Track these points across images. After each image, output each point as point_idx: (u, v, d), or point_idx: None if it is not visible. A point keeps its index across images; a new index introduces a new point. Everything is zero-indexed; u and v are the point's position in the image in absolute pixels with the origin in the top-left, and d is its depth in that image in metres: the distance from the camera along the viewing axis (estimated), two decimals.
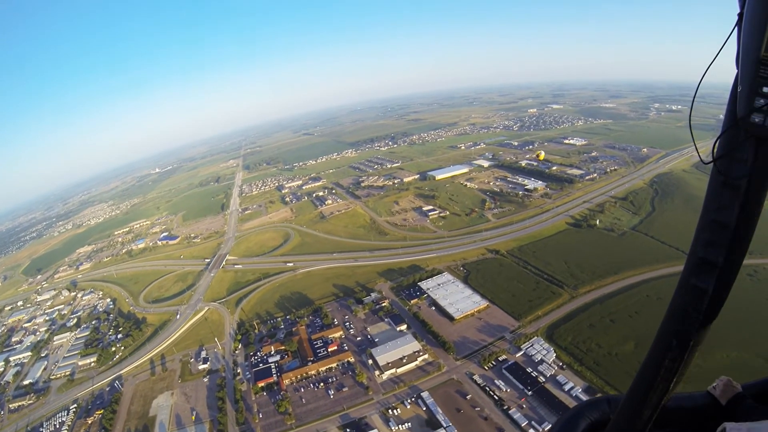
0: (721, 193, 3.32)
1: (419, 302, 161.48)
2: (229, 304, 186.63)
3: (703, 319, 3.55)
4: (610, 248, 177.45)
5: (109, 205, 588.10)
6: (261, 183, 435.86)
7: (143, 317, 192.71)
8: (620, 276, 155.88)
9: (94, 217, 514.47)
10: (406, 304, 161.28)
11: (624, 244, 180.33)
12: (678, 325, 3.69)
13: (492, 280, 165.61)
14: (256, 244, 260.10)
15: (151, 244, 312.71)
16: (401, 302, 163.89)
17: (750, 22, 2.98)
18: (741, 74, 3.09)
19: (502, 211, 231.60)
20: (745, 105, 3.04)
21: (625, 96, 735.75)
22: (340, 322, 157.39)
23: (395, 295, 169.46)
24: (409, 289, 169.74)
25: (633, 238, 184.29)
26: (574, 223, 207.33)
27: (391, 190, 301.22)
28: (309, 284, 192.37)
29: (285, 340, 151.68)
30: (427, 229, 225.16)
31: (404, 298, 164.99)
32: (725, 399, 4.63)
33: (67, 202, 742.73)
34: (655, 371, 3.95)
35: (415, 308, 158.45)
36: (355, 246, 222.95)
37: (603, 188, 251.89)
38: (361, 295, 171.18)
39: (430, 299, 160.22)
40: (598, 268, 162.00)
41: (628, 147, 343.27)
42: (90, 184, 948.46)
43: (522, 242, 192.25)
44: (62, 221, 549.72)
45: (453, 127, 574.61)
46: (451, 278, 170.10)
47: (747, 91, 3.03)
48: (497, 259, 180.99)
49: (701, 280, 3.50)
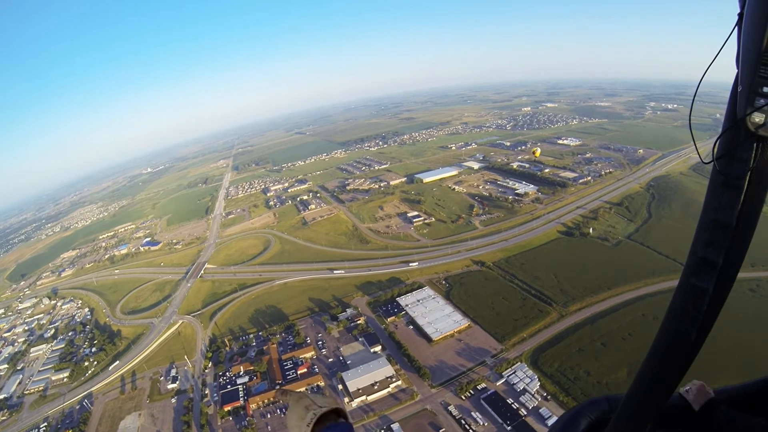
0: (722, 193, 3.26)
1: (396, 320, 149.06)
2: (203, 318, 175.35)
3: (704, 318, 3.50)
4: (604, 260, 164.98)
5: (98, 206, 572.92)
6: (248, 185, 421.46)
7: (118, 330, 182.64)
8: (614, 291, 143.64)
9: (82, 220, 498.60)
10: (382, 322, 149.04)
11: (618, 255, 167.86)
12: (678, 324, 3.66)
13: (475, 295, 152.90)
14: (236, 252, 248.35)
15: (134, 250, 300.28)
16: (377, 319, 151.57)
17: (750, 22, 2.94)
18: (741, 74, 3.06)
19: (490, 217, 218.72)
20: (745, 105, 3.02)
21: (620, 94, 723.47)
22: (313, 341, 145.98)
23: (372, 312, 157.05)
24: (387, 305, 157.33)
25: (628, 249, 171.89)
26: (565, 231, 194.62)
27: (376, 194, 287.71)
28: (285, 297, 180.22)
29: (255, 359, 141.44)
30: (411, 237, 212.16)
31: (381, 315, 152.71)
32: (698, 404, 4.44)
33: (58, 203, 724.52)
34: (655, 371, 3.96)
35: (391, 327, 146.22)
36: (335, 255, 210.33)
37: (597, 192, 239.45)
38: (336, 311, 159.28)
39: (408, 317, 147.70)
40: (591, 283, 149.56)
41: (624, 148, 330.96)
42: (83, 183, 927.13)
43: (509, 253, 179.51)
44: (51, 223, 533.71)
45: (445, 127, 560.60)
46: (432, 293, 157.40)
47: (747, 90, 3.01)
48: (482, 271, 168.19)
49: (701, 280, 3.44)
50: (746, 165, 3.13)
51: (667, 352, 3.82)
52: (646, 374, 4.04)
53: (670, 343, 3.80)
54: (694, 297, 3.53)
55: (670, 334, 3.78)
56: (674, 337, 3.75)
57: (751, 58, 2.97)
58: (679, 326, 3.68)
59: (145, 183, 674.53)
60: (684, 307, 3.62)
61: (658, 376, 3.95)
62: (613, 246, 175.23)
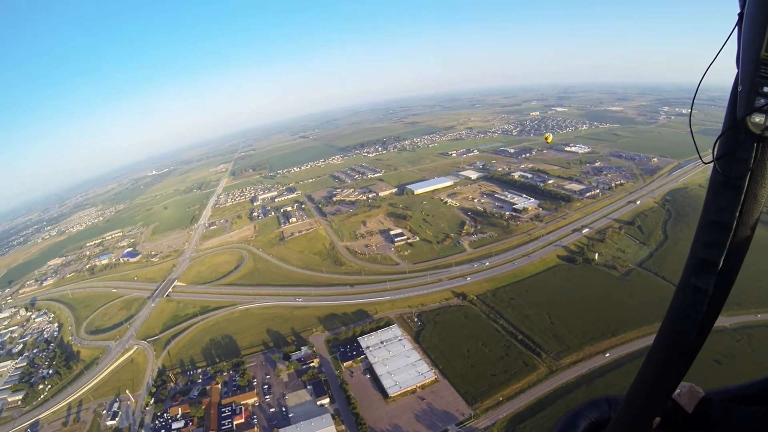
0: (722, 194, 3.22)
1: (354, 366, 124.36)
2: (159, 344, 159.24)
3: (704, 319, 3.46)
4: (610, 295, 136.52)
5: (97, 209, 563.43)
6: (239, 192, 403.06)
7: (78, 351, 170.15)
8: (620, 338, 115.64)
9: (78, 224, 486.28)
10: (338, 367, 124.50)
11: (628, 288, 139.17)
12: (678, 325, 3.60)
13: (450, 338, 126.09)
14: (208, 269, 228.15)
15: (114, 261, 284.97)
16: (333, 363, 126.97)
17: (750, 22, 2.92)
18: (741, 74, 3.03)
19: (482, 237, 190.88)
20: (746, 105, 2.98)
21: (632, 99, 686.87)
22: (260, 383, 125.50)
23: (329, 352, 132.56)
24: (347, 346, 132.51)
25: (640, 280, 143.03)
26: (566, 256, 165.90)
27: (362, 206, 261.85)
28: (243, 327, 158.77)
29: (196, 400, 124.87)
30: (389, 259, 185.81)
31: (338, 358, 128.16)
32: (691, 406, 4.36)
33: (63, 204, 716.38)
34: (655, 371, 3.91)
35: (347, 374, 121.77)
36: (305, 279, 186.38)
37: (606, 208, 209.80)
38: (290, 349, 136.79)
39: (367, 363, 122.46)
40: (592, 326, 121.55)
41: (636, 156, 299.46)
42: (91, 185, 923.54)
43: (498, 283, 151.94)
44: (51, 226, 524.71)
45: (449, 131, 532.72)
46: (399, 334, 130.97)
47: (747, 90, 2.98)
48: (463, 307, 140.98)
49: (701, 281, 3.40)
50: (746, 165, 3.07)
51: (667, 353, 3.73)
52: (646, 375, 3.97)
53: (670, 344, 3.71)
54: (693, 298, 3.46)
55: (670, 335, 3.69)
56: (674, 338, 3.66)
57: (751, 58, 2.92)
58: (679, 327, 3.60)
59: (146, 186, 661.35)
60: (684, 308, 3.54)
61: (658, 377, 3.87)
62: (621, 277, 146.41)
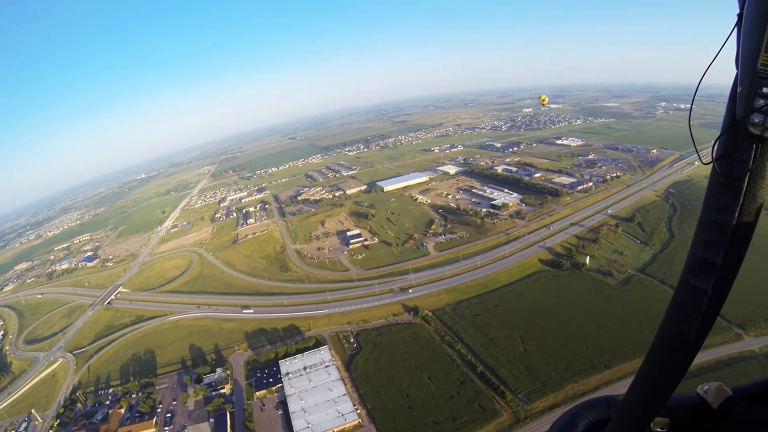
0: (721, 194, 3.16)
1: (268, 396, 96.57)
2: (84, 357, 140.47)
3: (703, 319, 3.40)
4: (604, 311, 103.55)
5: (79, 213, 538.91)
6: (212, 194, 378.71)
7: (11, 361, 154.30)
8: (614, 371, 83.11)
9: (57, 228, 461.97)
10: (250, 395, 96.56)
11: (627, 301, 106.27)
12: (677, 325, 3.54)
13: (388, 367, 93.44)
14: (156, 274, 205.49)
15: (73, 266, 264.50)
16: (247, 390, 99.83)
17: (750, 22, 2.85)
18: (741, 74, 2.97)
19: (450, 238, 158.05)
20: (745, 105, 2.91)
21: (628, 96, 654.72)
22: (164, 410, 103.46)
23: (246, 376, 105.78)
24: (266, 369, 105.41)
25: (642, 289, 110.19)
26: (551, 260, 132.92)
27: (325, 206, 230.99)
28: (168, 340, 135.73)
29: (96, 426, 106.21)
30: (339, 265, 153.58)
31: (253, 384, 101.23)
32: (717, 403, 4.38)
33: (51, 208, 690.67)
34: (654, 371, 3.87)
35: (257, 406, 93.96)
36: (245, 287, 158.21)
37: (600, 203, 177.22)
38: (204, 371, 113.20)
39: (283, 394, 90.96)
40: (578, 354, 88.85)
41: (634, 148, 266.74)
42: (84, 188, 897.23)
43: (462, 295, 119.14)
44: (33, 230, 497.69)
45: (436, 129, 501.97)
46: (328, 358, 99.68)
47: (747, 91, 2.91)
48: (413, 325, 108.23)
49: (701, 281, 3.33)
50: (745, 165, 3.03)
51: (667, 353, 3.68)
52: (645, 375, 3.91)
53: (669, 344, 3.66)
54: (693, 298, 3.40)
55: (669, 335, 3.63)
56: (673, 338, 3.61)
57: (750, 58, 2.86)
58: (679, 327, 3.54)
59: (131, 189, 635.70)
60: (683, 308, 3.48)
61: (657, 377, 3.82)
62: (618, 286, 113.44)
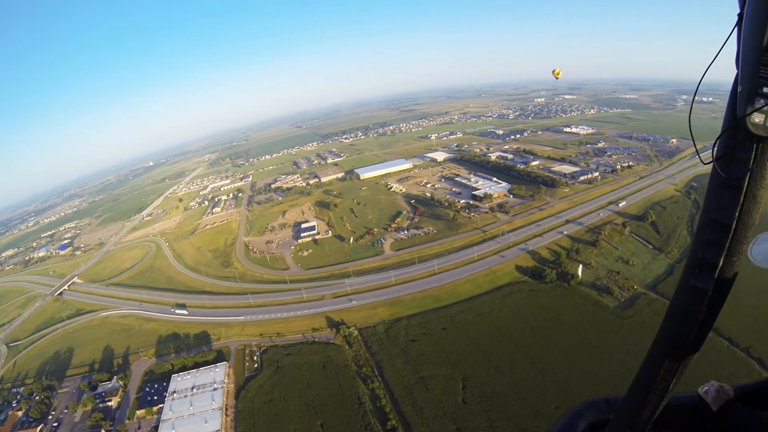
0: (721, 193, 3.12)
1: (147, 417, 74.67)
2: (15, 351, 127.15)
3: (703, 319, 3.36)
4: (592, 347, 71.76)
5: (81, 200, 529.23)
6: (199, 181, 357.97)
7: None
8: None
9: (54, 215, 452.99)
10: (132, 414, 73.82)
11: (627, 333, 74.17)
12: (677, 325, 3.50)
13: (280, 402, 65.07)
14: (112, 265, 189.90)
15: (49, 254, 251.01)
16: (132, 406, 75.20)
17: (750, 22, 2.80)
18: (741, 74, 2.92)
19: (414, 235, 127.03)
20: (745, 105, 2.87)
21: (648, 89, 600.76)
22: (53, 419, 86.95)
23: (138, 389, 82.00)
24: (156, 384, 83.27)
25: (650, 316, 77.78)
26: (531, 268, 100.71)
27: (293, 194, 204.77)
28: (90, 339, 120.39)
29: None
30: (281, 262, 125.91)
31: (139, 399, 75.07)
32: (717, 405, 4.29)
33: (60, 195, 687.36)
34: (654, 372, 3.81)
35: (134, 427, 70.91)
36: (182, 282, 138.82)
37: (605, 196, 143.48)
38: (101, 378, 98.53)
39: (159, 419, 65.43)
40: (541, 419, 57.87)
41: (651, 137, 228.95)
42: (96, 176, 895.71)
43: (405, 310, 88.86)
44: (35, 216, 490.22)
45: (441, 117, 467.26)
46: (219, 380, 77.53)
47: (747, 91, 2.87)
48: (329, 347, 79.85)
49: (701, 281, 3.29)
50: (746, 165, 2.98)
51: (667, 354, 3.63)
52: (645, 376, 3.85)
53: (669, 344, 3.61)
54: (693, 298, 3.35)
55: (670, 335, 3.58)
56: (673, 339, 3.56)
57: (751, 58, 2.82)
58: (679, 328, 3.49)
59: (135, 177, 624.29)
60: (684, 308, 3.43)
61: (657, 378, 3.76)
62: (619, 308, 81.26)
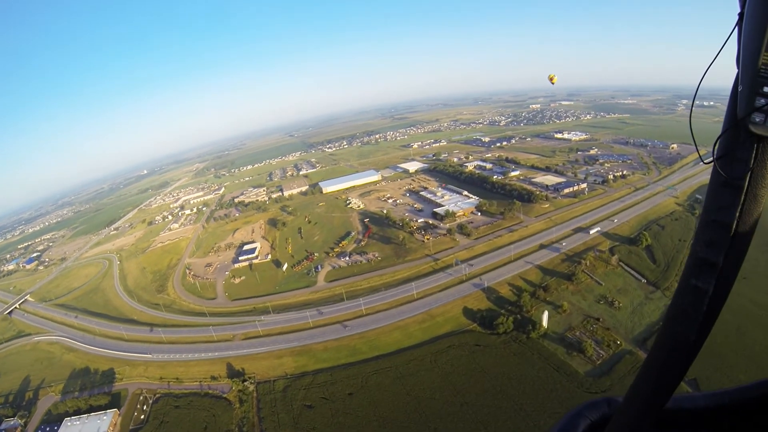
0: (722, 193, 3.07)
1: None
2: None
3: (703, 319, 3.32)
4: None
5: (67, 210, 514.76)
6: (177, 193, 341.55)
7: None
8: None
9: (40, 224, 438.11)
10: None
11: None
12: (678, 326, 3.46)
13: None
14: (66, 282, 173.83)
15: (18, 267, 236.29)
16: None
17: (750, 22, 2.77)
18: (741, 74, 2.88)
19: (357, 261, 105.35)
20: (746, 105, 2.82)
21: (648, 95, 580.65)
22: None
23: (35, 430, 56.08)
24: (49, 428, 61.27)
25: None
26: (483, 313, 78.17)
27: (249, 210, 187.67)
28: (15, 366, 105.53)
29: None
30: (211, 290, 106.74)
31: None
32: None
33: (54, 204, 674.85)
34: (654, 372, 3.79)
35: None
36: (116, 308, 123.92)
37: (591, 213, 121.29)
38: (7, 413, 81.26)
39: None
40: None
41: (649, 142, 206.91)
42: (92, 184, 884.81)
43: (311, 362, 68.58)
44: (24, 225, 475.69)
45: (431, 124, 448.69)
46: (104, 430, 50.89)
47: (747, 90, 2.82)
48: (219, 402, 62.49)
49: (701, 281, 3.25)
50: (746, 165, 2.93)
51: (667, 354, 3.61)
52: (645, 375, 3.81)
53: (670, 345, 3.58)
54: (694, 298, 3.33)
55: (670, 336, 3.55)
56: (674, 339, 3.54)
57: (751, 57, 2.79)
58: (679, 328, 3.46)
59: (125, 186, 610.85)
60: (684, 308, 3.40)
61: (657, 378, 3.74)
62: (592, 375, 58.91)
